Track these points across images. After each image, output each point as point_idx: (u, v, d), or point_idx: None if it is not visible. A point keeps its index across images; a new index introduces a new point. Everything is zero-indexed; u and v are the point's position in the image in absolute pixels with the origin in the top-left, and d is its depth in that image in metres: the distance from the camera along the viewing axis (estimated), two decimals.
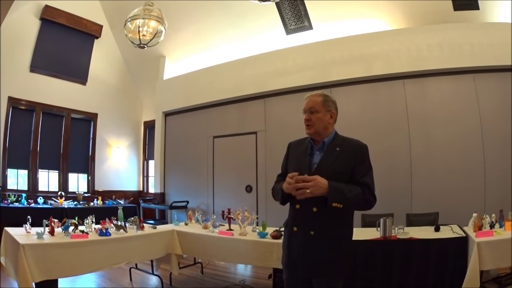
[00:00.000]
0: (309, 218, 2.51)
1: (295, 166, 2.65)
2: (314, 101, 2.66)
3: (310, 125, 2.63)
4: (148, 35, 5.14)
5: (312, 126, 2.63)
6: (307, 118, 2.64)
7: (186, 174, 10.09)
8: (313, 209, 2.47)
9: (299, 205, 2.55)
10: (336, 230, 2.51)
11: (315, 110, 2.63)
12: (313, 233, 2.48)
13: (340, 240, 2.53)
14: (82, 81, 10.89)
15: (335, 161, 2.55)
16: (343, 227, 2.57)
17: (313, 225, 2.49)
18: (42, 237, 4.09)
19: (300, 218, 2.56)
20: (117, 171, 11.90)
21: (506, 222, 4.25)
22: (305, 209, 2.52)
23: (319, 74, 7.93)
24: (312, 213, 2.48)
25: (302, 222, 2.55)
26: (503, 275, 4.75)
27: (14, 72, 9.23)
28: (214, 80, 9.49)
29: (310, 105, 2.65)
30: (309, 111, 2.65)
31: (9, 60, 8.95)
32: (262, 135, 8.77)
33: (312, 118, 2.62)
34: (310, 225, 2.50)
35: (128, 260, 4.74)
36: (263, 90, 8.70)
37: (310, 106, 2.65)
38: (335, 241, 2.50)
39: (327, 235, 2.48)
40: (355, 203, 2.48)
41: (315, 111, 2.63)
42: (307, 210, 2.50)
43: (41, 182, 10.08)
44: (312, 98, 2.68)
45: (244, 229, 4.99)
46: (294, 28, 8.72)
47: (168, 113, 10.75)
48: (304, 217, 2.54)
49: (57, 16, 9.89)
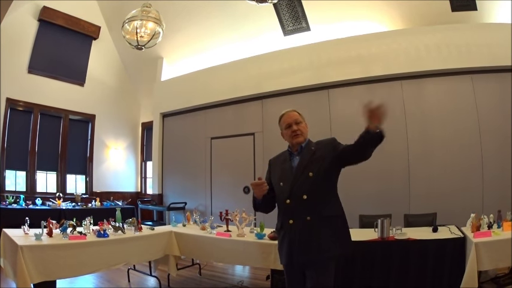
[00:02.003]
0: (302, 206, 2.75)
1: (279, 173, 2.97)
2: (294, 115, 3.02)
3: (300, 134, 2.95)
4: (146, 36, 5.14)
5: (301, 134, 2.95)
6: (296, 129, 2.95)
7: (184, 176, 10.08)
8: (303, 196, 2.75)
9: (289, 199, 2.80)
10: (328, 211, 2.78)
11: (299, 121, 2.99)
12: (310, 218, 2.73)
13: (335, 217, 2.82)
14: (80, 82, 10.89)
15: (313, 155, 2.88)
16: (332, 206, 2.84)
17: (307, 211, 2.74)
18: (40, 239, 4.10)
19: (294, 209, 2.79)
20: (115, 172, 11.89)
21: (505, 223, 4.25)
22: (296, 200, 2.78)
23: (316, 75, 7.93)
24: (303, 200, 2.75)
25: (296, 212, 2.78)
26: (502, 275, 4.75)
27: (12, 73, 9.23)
28: (212, 81, 9.48)
29: (294, 118, 2.99)
30: (294, 122, 2.97)
31: (7, 61, 8.93)
32: (259, 136, 8.77)
33: (300, 128, 2.96)
34: (305, 212, 2.74)
35: (126, 261, 4.74)
36: (261, 91, 8.70)
37: (294, 119, 2.99)
38: (331, 220, 2.78)
39: (321, 216, 2.74)
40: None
41: (299, 122, 2.99)
42: (298, 200, 2.77)
43: (39, 183, 10.07)
44: (291, 113, 3.03)
45: (242, 230, 5.00)
46: (291, 29, 8.73)
47: (166, 114, 10.73)
48: (297, 207, 2.77)
49: (55, 17, 9.90)
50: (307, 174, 2.79)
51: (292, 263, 2.79)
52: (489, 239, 3.89)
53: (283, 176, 2.90)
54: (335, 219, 2.80)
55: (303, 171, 2.82)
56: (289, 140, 2.98)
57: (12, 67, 9.24)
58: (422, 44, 7.07)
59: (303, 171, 2.81)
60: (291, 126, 2.95)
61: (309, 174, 2.79)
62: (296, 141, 2.93)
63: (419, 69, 7.08)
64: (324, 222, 2.73)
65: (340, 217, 2.85)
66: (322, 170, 2.80)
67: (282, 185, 2.87)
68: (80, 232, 4.54)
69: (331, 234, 2.72)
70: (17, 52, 9.41)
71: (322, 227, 2.71)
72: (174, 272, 5.31)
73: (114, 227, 4.87)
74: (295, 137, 2.93)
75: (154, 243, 5.15)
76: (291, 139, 2.96)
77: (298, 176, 2.82)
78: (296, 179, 2.81)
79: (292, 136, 2.94)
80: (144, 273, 5.75)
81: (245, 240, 4.78)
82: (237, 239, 4.85)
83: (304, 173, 2.81)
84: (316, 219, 2.72)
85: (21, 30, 9.41)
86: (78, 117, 11.04)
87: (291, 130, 2.94)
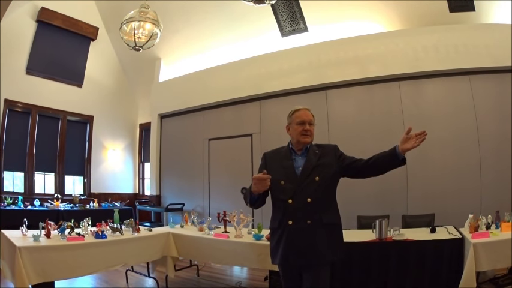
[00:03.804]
0: (304, 209, 2.76)
1: (280, 171, 2.91)
2: (310, 114, 3.02)
3: (309, 134, 2.95)
4: (144, 37, 5.13)
5: (310, 136, 2.96)
6: (308, 128, 2.94)
7: (182, 177, 10.08)
8: (307, 199, 2.76)
9: (291, 200, 2.79)
10: (328, 217, 2.81)
11: (312, 122, 3.00)
12: (310, 222, 2.74)
13: (334, 226, 2.87)
14: (78, 83, 10.90)
15: (319, 159, 2.91)
16: (333, 214, 2.90)
17: (308, 215, 2.75)
18: (38, 240, 4.10)
19: (295, 211, 2.78)
20: (113, 173, 11.88)
21: (503, 224, 4.25)
22: (299, 201, 2.78)
23: (314, 76, 7.94)
24: (306, 203, 2.76)
25: (297, 214, 2.77)
26: (500, 275, 4.75)
27: (10, 74, 9.22)
28: (209, 82, 9.48)
29: (309, 118, 2.99)
30: (308, 122, 2.96)
31: (5, 62, 8.92)
32: (257, 137, 8.77)
33: (311, 129, 2.97)
34: (305, 216, 2.75)
35: (124, 262, 4.74)
36: (259, 92, 8.71)
37: (309, 119, 2.99)
38: (330, 227, 2.82)
39: (321, 223, 2.76)
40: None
41: (312, 124, 2.99)
42: (302, 202, 2.77)
43: (37, 185, 10.07)
44: (308, 112, 3.03)
45: (239, 231, 4.99)
46: (289, 30, 8.74)
47: (163, 115, 10.74)
48: (299, 209, 2.77)
49: (54, 18, 9.90)
50: (314, 178, 2.81)
51: (287, 264, 2.81)
52: (487, 239, 3.89)
53: (286, 175, 2.87)
54: (333, 227, 2.85)
55: (309, 174, 2.83)
56: (296, 136, 2.95)
57: (10, 68, 9.23)
58: (420, 44, 7.08)
59: (309, 174, 2.83)
60: (304, 123, 2.94)
61: (315, 178, 2.81)
62: (304, 140, 2.93)
63: (417, 70, 7.08)
64: (323, 228, 2.76)
65: (338, 226, 2.90)
66: (327, 175, 2.85)
67: (284, 183, 2.84)
68: (78, 233, 4.54)
69: (328, 241, 2.76)
70: (15, 53, 9.40)
71: (320, 233, 2.74)
72: (172, 273, 5.31)
73: (112, 228, 4.86)
74: (304, 136, 2.93)
75: (152, 245, 5.14)
76: (299, 136, 2.93)
77: (304, 178, 2.82)
78: (302, 180, 2.81)
79: (301, 134, 2.93)
80: (142, 275, 5.75)
81: (243, 241, 4.77)
82: (234, 240, 4.84)
83: (310, 176, 2.82)
84: (316, 224, 2.74)
85: (19, 31, 9.41)
86: (76, 118, 11.03)
87: (303, 128, 2.93)
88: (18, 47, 9.47)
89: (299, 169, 2.88)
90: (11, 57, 9.27)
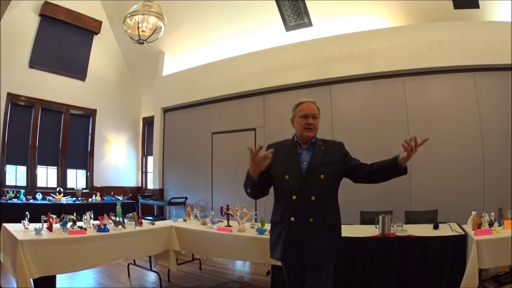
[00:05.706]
0: (307, 206, 2.71)
1: (284, 164, 2.85)
2: (314, 108, 2.92)
3: (313, 128, 2.87)
4: (148, 31, 5.13)
5: (313, 130, 2.87)
6: (312, 122, 2.86)
7: (185, 171, 10.10)
8: (312, 197, 2.70)
9: (295, 196, 2.73)
10: (330, 217, 2.79)
11: (317, 116, 2.90)
12: (312, 221, 2.71)
13: (335, 226, 2.84)
14: (81, 77, 10.90)
15: (325, 156, 2.84)
16: (335, 213, 2.87)
17: (311, 213, 2.71)
18: (40, 233, 4.09)
19: (298, 207, 2.73)
20: (116, 167, 11.92)
21: (506, 221, 4.24)
22: (303, 198, 2.72)
23: (318, 71, 7.92)
24: (311, 201, 2.70)
25: (300, 211, 2.72)
26: (502, 273, 4.74)
27: (13, 68, 9.24)
28: (213, 76, 9.48)
29: (314, 111, 2.90)
30: (312, 116, 2.87)
31: (8, 56, 8.94)
32: (261, 131, 8.77)
33: (314, 123, 2.87)
34: (308, 214, 2.71)
35: (126, 256, 4.73)
36: (262, 86, 8.70)
37: (313, 112, 2.89)
38: (331, 227, 2.79)
39: (324, 222, 2.74)
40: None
41: (316, 117, 2.90)
42: (306, 200, 2.71)
43: (40, 178, 10.11)
44: (312, 105, 2.92)
45: (242, 225, 4.98)
46: (293, 25, 8.71)
47: (167, 109, 10.75)
48: (302, 206, 2.72)
49: (57, 12, 9.89)
50: (319, 175, 2.76)
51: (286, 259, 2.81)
52: (490, 236, 3.89)
53: (291, 170, 2.80)
54: (334, 228, 2.82)
55: (314, 171, 2.77)
56: (299, 130, 2.88)
57: (13, 62, 9.25)
58: (424, 40, 7.06)
59: (315, 171, 2.77)
60: (307, 117, 2.85)
61: (320, 175, 2.76)
62: (306, 134, 2.85)
63: (421, 66, 7.06)
64: (324, 228, 2.73)
65: (339, 226, 2.87)
66: (332, 174, 2.81)
67: (288, 178, 2.78)
68: (80, 227, 4.54)
69: (328, 241, 2.73)
70: (18, 47, 9.42)
71: (321, 233, 2.72)
72: (174, 267, 5.30)
73: (115, 221, 4.85)
74: (307, 130, 2.85)
75: (154, 238, 5.13)
76: (302, 130, 2.86)
77: (309, 174, 2.77)
78: (307, 177, 2.76)
79: (304, 128, 2.85)
80: (144, 268, 5.75)
81: (246, 236, 4.76)
82: (237, 234, 4.83)
83: (315, 173, 2.77)
84: (318, 223, 2.71)
85: (23, 25, 9.40)
86: (79, 112, 11.06)
87: (305, 121, 2.85)
88: (21, 41, 9.48)
89: (304, 164, 2.82)
90: (14, 50, 9.29)
